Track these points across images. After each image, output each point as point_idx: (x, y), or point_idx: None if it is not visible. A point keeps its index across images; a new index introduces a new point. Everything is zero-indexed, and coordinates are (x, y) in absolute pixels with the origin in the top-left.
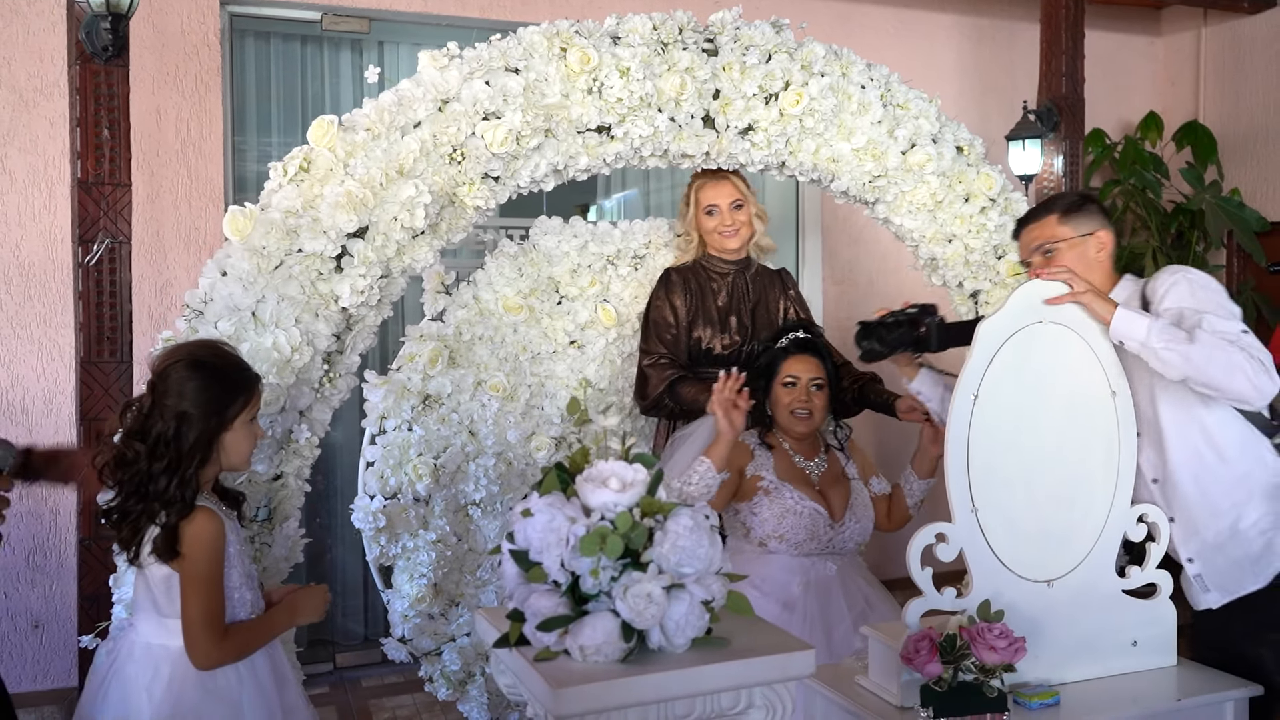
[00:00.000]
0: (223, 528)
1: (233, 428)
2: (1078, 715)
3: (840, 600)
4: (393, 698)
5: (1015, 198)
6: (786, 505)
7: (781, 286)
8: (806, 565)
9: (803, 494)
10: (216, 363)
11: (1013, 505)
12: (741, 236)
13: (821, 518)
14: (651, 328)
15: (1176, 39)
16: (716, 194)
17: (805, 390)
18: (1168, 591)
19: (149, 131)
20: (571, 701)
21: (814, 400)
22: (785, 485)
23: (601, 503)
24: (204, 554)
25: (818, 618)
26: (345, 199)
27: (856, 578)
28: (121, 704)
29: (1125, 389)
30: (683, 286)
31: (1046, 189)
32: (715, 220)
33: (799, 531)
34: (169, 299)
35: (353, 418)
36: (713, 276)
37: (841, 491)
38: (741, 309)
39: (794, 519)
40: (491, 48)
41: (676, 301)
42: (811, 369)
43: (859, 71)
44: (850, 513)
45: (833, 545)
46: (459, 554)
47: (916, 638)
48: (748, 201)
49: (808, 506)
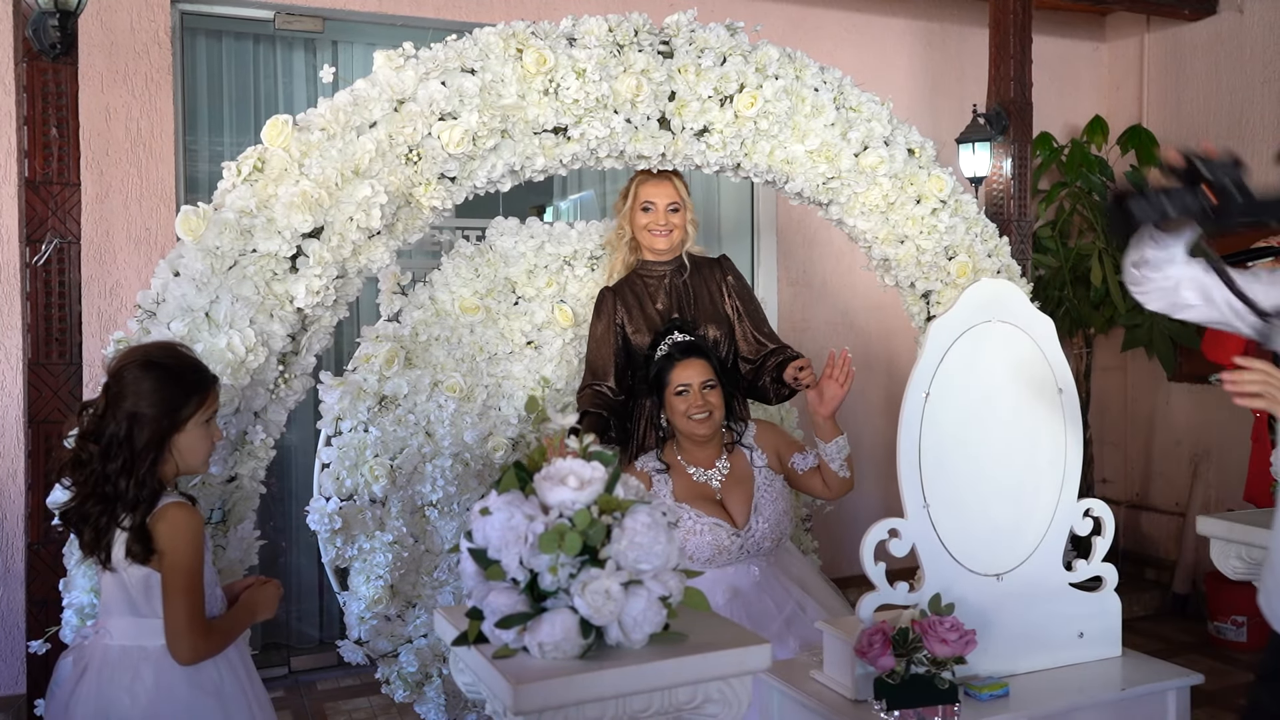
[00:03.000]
0: (200, 520)
1: (186, 429)
2: (1026, 705)
3: (768, 603)
4: (349, 700)
5: (965, 199)
6: (686, 527)
7: (721, 273)
8: (729, 574)
9: (699, 511)
10: (170, 363)
11: (963, 501)
12: (672, 240)
13: (723, 529)
14: (588, 353)
15: (1121, 45)
16: (656, 192)
17: (699, 394)
18: (1113, 584)
19: (98, 130)
20: (530, 698)
21: (709, 400)
22: (681, 507)
23: (560, 500)
24: (184, 547)
25: (745, 623)
26: (300, 199)
27: (783, 578)
28: (98, 708)
29: (1071, 386)
30: (614, 304)
31: (996, 191)
32: (649, 218)
33: (703, 549)
34: (119, 300)
35: (308, 419)
36: (648, 282)
37: (743, 494)
38: (683, 308)
39: (696, 539)
40: (447, 48)
41: (601, 325)
42: (700, 372)
43: (813, 74)
44: (756, 514)
45: (745, 550)
46: (416, 555)
47: (870, 632)
48: (684, 207)
49: (705, 523)
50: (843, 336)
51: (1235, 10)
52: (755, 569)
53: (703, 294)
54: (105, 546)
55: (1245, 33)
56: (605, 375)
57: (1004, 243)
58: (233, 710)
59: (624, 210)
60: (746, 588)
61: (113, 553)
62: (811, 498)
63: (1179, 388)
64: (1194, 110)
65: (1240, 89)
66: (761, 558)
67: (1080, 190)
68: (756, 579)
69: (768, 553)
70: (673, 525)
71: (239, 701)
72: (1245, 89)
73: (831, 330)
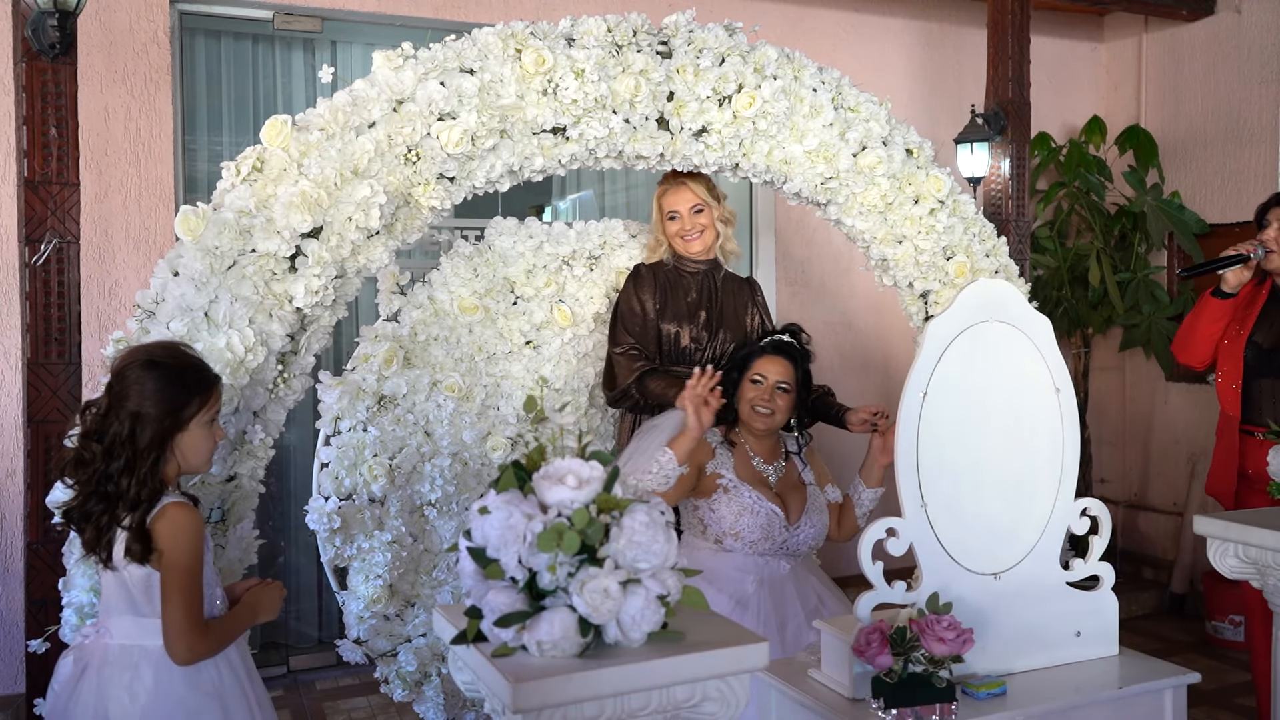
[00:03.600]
0: (200, 520)
1: (189, 429)
2: (1023, 704)
3: (794, 597)
4: (348, 700)
5: (963, 200)
6: (744, 504)
7: (750, 293)
8: (760, 564)
9: (760, 494)
10: (172, 363)
11: (961, 500)
12: (704, 240)
13: (777, 519)
14: (620, 319)
15: (1119, 45)
16: (676, 200)
17: (770, 390)
18: (1110, 583)
19: (97, 130)
20: (529, 696)
21: (776, 401)
22: (744, 485)
23: (558, 499)
24: (184, 546)
25: (771, 614)
26: (299, 199)
27: (810, 577)
28: (98, 707)
29: (1069, 385)
30: (652, 281)
31: (994, 191)
32: (677, 225)
33: (754, 530)
34: (118, 300)
35: (307, 419)
36: (682, 274)
37: (798, 496)
38: (710, 305)
39: (750, 518)
40: (446, 48)
41: (644, 295)
42: (781, 371)
43: (811, 74)
44: (806, 517)
45: (787, 546)
46: (415, 555)
47: (868, 630)
48: (708, 206)
49: (765, 507)
50: (841, 336)
51: (1233, 11)
52: (786, 565)
53: (729, 303)
54: (106, 545)
55: (1243, 33)
56: (649, 349)
57: (1002, 243)
58: (232, 710)
59: (655, 221)
60: (775, 580)
61: (114, 551)
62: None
63: (1177, 387)
64: (1192, 110)
65: (1238, 89)
66: (795, 558)
67: (1078, 190)
68: (785, 574)
69: (803, 557)
70: (670, 525)
71: (239, 702)
72: (1243, 89)
73: (829, 330)
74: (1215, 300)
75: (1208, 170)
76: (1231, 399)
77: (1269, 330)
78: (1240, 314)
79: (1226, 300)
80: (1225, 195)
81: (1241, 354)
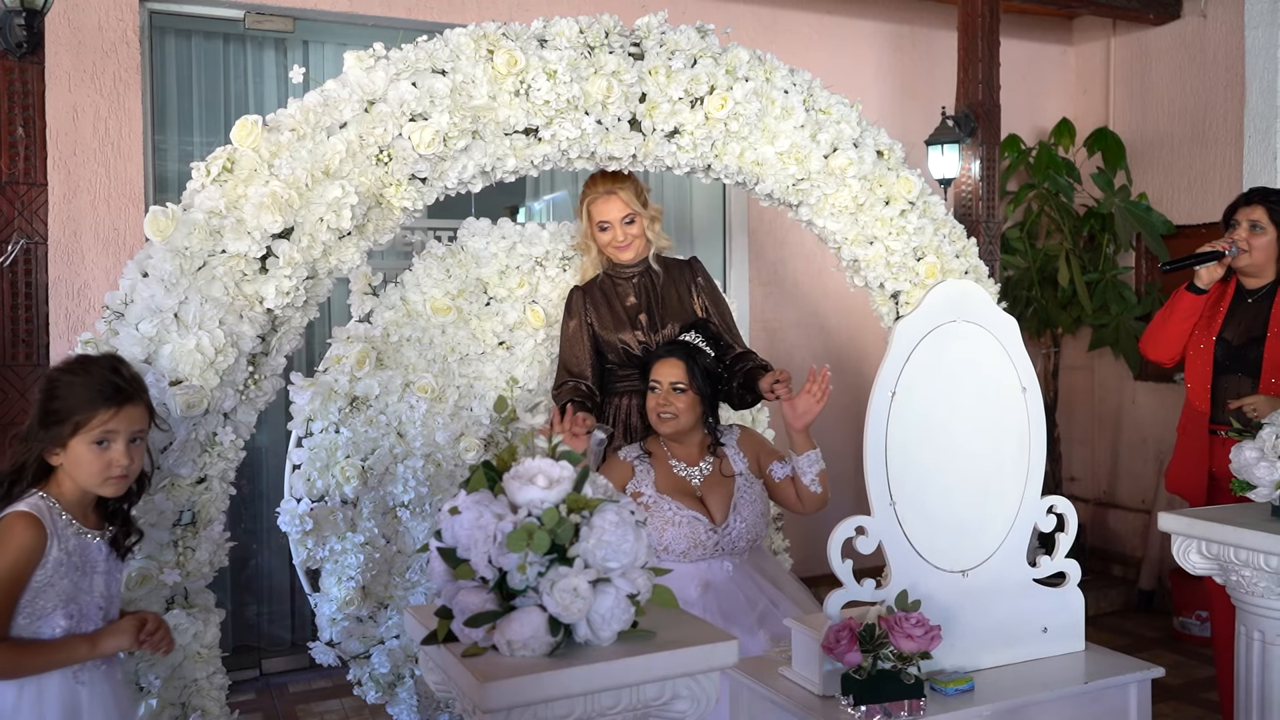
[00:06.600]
0: (37, 536)
1: (69, 447)
2: (990, 699)
3: (740, 598)
4: (321, 702)
5: (934, 201)
6: (665, 517)
7: (690, 275)
8: (701, 569)
9: (680, 504)
10: (64, 379)
11: (929, 499)
12: (635, 248)
13: (701, 524)
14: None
15: (1087, 48)
16: (606, 210)
17: (666, 394)
18: (1076, 579)
19: (65, 130)
20: (499, 695)
21: (675, 403)
22: (663, 498)
23: (528, 499)
24: (1, 553)
25: (717, 616)
26: (270, 199)
27: (756, 575)
28: None
29: (1035, 385)
30: (584, 303)
31: (964, 192)
32: (609, 235)
33: (681, 541)
34: (86, 301)
35: (279, 420)
36: (618, 281)
37: (723, 492)
38: (651, 306)
39: (674, 530)
40: (418, 49)
41: (573, 323)
42: (672, 372)
43: (782, 76)
44: (734, 512)
45: (720, 547)
46: (387, 556)
47: (837, 628)
48: (639, 215)
49: (685, 515)
50: (813, 336)
51: (1198, 15)
52: (729, 564)
53: (671, 293)
54: None
55: (1208, 37)
56: (582, 372)
57: (972, 244)
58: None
59: (584, 229)
60: (719, 582)
61: None
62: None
63: (1144, 386)
64: (1158, 113)
65: (1203, 92)
66: (736, 556)
67: (1048, 192)
68: (730, 574)
69: (742, 552)
70: (640, 524)
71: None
72: (1208, 92)
73: (802, 330)
74: (1189, 295)
75: (1174, 172)
76: (1201, 395)
77: (1237, 328)
78: (1209, 311)
79: (1200, 296)
80: (1191, 196)
81: (1212, 350)
